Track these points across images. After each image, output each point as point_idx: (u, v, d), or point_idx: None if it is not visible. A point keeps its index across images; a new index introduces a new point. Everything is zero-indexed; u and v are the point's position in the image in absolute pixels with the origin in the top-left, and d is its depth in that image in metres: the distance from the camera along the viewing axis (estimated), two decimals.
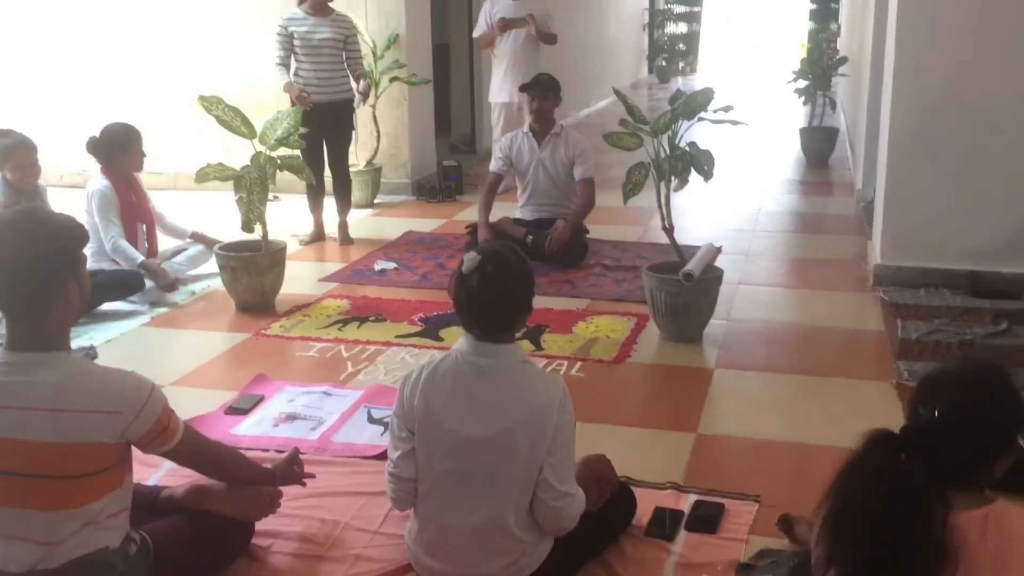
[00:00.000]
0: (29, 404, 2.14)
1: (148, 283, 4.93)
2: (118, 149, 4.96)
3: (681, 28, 18.69)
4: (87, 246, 2.35)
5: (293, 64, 5.97)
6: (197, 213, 6.26)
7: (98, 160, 5.02)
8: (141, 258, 4.95)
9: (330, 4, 6.01)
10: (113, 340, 4.42)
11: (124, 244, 4.91)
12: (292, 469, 2.72)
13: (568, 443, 2.42)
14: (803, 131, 9.03)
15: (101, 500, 2.20)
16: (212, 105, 4.64)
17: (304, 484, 2.77)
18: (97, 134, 4.98)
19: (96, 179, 4.99)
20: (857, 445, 1.64)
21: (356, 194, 6.77)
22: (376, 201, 7.39)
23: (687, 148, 4.24)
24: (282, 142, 4.75)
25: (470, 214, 6.50)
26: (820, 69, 8.82)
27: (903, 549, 1.51)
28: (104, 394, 2.18)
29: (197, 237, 5.49)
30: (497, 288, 2.37)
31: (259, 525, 2.68)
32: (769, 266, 5.70)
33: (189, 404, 3.51)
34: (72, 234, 2.25)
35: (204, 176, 4.65)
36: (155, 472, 3.00)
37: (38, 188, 4.92)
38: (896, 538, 1.51)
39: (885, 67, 5.15)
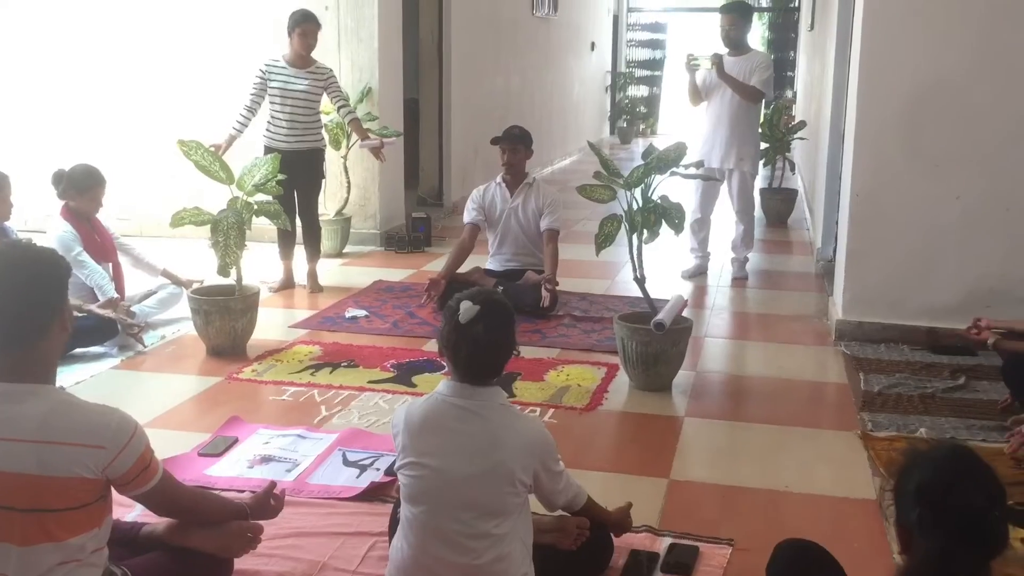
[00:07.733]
0: (14, 435, 2.12)
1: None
2: (75, 190, 4.93)
3: (642, 91, 19.09)
4: None
5: (265, 108, 6.06)
6: (164, 259, 6.22)
7: (58, 194, 4.97)
8: (113, 295, 4.90)
9: (310, 56, 6.11)
10: (83, 382, 4.38)
11: (102, 276, 4.89)
12: (268, 502, 2.69)
13: (554, 465, 2.51)
14: (763, 192, 9.25)
15: (78, 537, 2.17)
16: (191, 150, 4.67)
17: (282, 508, 2.74)
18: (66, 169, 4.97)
19: (56, 223, 4.95)
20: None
21: (325, 243, 6.81)
22: (345, 251, 7.42)
23: (659, 201, 4.36)
24: (260, 188, 4.78)
25: (438, 265, 6.54)
26: (780, 132, 9.10)
27: None
28: (89, 428, 2.17)
29: (167, 275, 5.47)
30: (499, 336, 2.44)
31: (238, 564, 2.66)
32: (733, 320, 5.81)
33: (162, 446, 3.38)
34: (60, 262, 2.26)
35: (179, 220, 4.66)
36: (130, 512, 2.97)
37: (3, 227, 4.79)
38: None
39: (846, 134, 5.36)
